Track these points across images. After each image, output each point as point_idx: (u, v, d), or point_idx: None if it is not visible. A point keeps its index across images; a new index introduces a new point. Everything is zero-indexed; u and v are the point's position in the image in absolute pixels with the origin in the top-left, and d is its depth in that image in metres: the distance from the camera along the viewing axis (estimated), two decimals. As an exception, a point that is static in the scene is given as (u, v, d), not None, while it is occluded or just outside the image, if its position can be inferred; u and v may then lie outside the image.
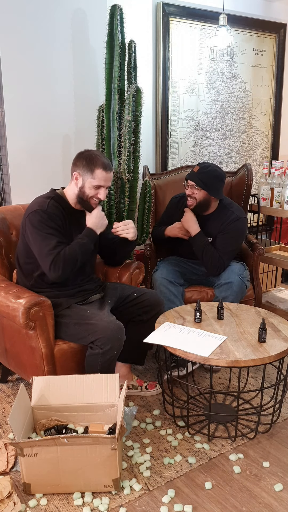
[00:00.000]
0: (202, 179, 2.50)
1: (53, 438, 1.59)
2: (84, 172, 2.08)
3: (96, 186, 2.09)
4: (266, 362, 1.80)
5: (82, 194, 2.10)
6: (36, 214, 2.03)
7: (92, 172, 2.07)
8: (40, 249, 2.01)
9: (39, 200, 2.11)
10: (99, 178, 2.07)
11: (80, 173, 2.09)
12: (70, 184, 2.15)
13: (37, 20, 2.59)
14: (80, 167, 2.09)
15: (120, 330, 1.98)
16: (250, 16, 3.51)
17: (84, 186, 2.09)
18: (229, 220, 2.57)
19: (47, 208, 2.05)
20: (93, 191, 2.09)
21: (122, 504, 1.66)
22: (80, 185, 2.10)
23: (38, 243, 2.02)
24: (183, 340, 1.90)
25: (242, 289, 2.55)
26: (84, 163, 2.08)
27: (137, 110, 2.54)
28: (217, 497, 1.69)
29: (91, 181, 2.07)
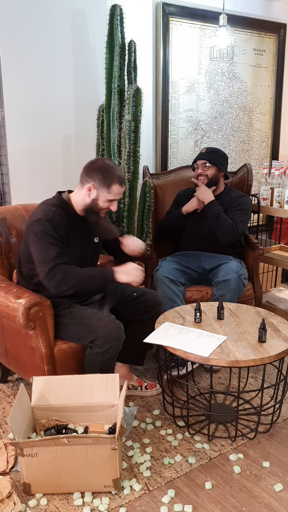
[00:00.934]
0: (212, 156, 2.78)
1: (53, 438, 1.59)
2: (100, 185, 2.04)
3: (110, 200, 2.08)
4: (266, 362, 1.80)
5: (95, 206, 2.07)
6: (40, 223, 1.99)
7: (108, 187, 2.04)
8: (40, 257, 1.98)
9: (44, 207, 2.06)
10: (115, 193, 2.07)
11: (95, 185, 2.04)
12: (79, 192, 2.10)
13: (37, 20, 2.59)
14: (95, 180, 2.04)
15: (120, 330, 1.98)
16: (250, 16, 3.51)
17: (98, 199, 2.06)
18: (236, 196, 2.83)
19: (52, 217, 2.01)
20: (106, 204, 2.08)
21: (122, 504, 1.66)
22: (93, 197, 2.06)
23: (38, 251, 1.99)
24: (183, 340, 1.90)
25: (240, 287, 2.55)
26: (101, 177, 2.03)
27: (137, 110, 2.54)
28: (217, 497, 1.69)
29: (106, 195, 2.05)
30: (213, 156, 2.78)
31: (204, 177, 2.78)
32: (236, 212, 2.74)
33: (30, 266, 2.10)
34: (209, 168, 2.77)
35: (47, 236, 1.98)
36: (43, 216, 2.01)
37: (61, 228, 2.03)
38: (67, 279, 1.95)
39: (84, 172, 2.08)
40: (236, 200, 2.80)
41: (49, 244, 1.98)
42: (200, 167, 2.79)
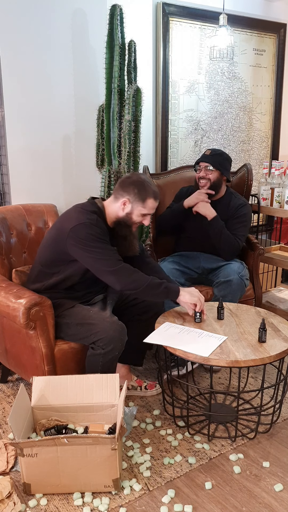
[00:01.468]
0: (216, 160, 2.70)
1: (53, 438, 1.59)
2: (135, 200, 2.05)
3: (144, 214, 2.09)
4: (266, 362, 1.80)
5: (128, 220, 2.08)
6: (86, 227, 1.98)
7: (143, 201, 2.06)
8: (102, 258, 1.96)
9: (84, 212, 2.03)
10: (150, 208, 2.08)
11: (130, 200, 2.06)
12: (112, 205, 2.10)
13: (37, 20, 2.59)
14: (131, 194, 2.05)
15: (122, 331, 1.98)
16: (250, 16, 3.51)
17: (133, 213, 2.07)
18: (236, 205, 2.75)
19: (96, 222, 2.02)
20: (140, 218, 2.09)
21: (122, 504, 1.66)
22: (127, 211, 2.07)
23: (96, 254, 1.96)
24: (183, 340, 1.90)
25: (241, 288, 2.55)
26: (136, 191, 2.05)
27: (137, 110, 2.54)
28: (217, 497, 1.69)
29: (141, 209, 2.06)
30: (218, 159, 2.71)
31: (207, 180, 2.71)
32: (238, 225, 2.70)
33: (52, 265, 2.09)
34: (212, 172, 2.70)
35: (98, 239, 1.98)
36: (88, 221, 2.00)
37: (104, 235, 2.04)
38: (134, 277, 1.98)
39: (119, 186, 2.09)
40: (237, 210, 2.73)
41: (106, 245, 2.00)
42: (202, 169, 2.72)
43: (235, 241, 2.66)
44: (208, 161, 2.70)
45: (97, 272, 2.00)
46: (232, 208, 2.74)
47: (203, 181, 2.72)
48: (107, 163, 2.68)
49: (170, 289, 2.04)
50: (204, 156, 2.74)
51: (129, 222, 2.09)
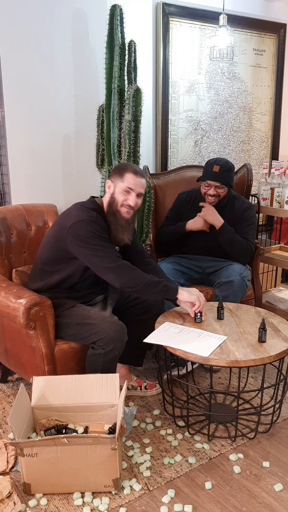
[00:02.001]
0: (227, 178, 2.59)
1: (53, 438, 1.59)
2: (115, 178, 2.08)
3: (127, 190, 2.07)
4: (266, 362, 1.80)
5: (113, 201, 2.08)
6: (86, 224, 1.98)
7: (122, 176, 2.07)
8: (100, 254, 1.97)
9: (84, 210, 2.05)
10: (129, 181, 2.06)
11: (112, 180, 2.09)
12: (106, 195, 2.13)
13: (37, 20, 2.59)
14: (112, 175, 2.10)
15: (123, 331, 1.98)
16: (250, 16, 3.51)
17: (115, 191, 2.08)
18: (242, 209, 2.70)
19: (95, 220, 2.02)
20: (123, 196, 2.07)
21: (122, 504, 1.66)
22: (111, 191, 2.09)
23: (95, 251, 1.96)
24: (183, 340, 1.90)
25: (243, 288, 2.55)
26: (116, 171, 2.09)
27: (137, 110, 2.54)
28: (217, 497, 1.69)
29: (121, 185, 2.06)
30: (228, 176, 2.58)
31: (216, 197, 2.62)
32: (246, 228, 2.67)
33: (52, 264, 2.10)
34: (223, 189, 2.61)
35: (97, 237, 1.99)
36: (87, 218, 2.01)
37: (103, 232, 2.04)
38: (133, 275, 1.98)
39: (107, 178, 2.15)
40: (244, 214, 2.69)
41: (105, 242, 2.00)
42: (212, 188, 2.59)
43: (247, 245, 2.63)
44: (219, 180, 2.56)
45: (96, 269, 2.00)
46: (238, 212, 2.69)
47: (212, 198, 2.62)
48: (107, 163, 2.68)
49: (168, 287, 2.04)
50: (215, 175, 2.56)
51: (114, 204, 2.08)
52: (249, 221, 2.68)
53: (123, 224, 2.09)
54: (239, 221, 2.67)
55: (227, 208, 2.70)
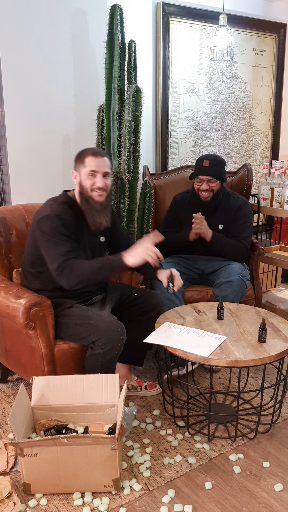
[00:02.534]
0: (217, 171, 2.62)
1: (53, 438, 1.59)
2: (78, 165, 2.08)
3: (91, 173, 2.05)
4: (266, 362, 1.80)
5: (82, 189, 2.07)
6: (49, 219, 1.98)
7: (83, 161, 2.06)
8: (49, 254, 1.97)
9: (51, 204, 2.06)
10: (90, 164, 2.04)
11: (76, 169, 2.09)
12: (76, 187, 2.13)
13: (37, 20, 2.59)
14: (75, 165, 2.10)
15: (121, 331, 1.98)
16: (250, 16, 3.51)
17: (81, 179, 2.07)
18: (237, 206, 2.72)
19: (61, 213, 2.01)
20: (89, 181, 2.05)
21: (122, 504, 1.66)
22: (78, 180, 2.08)
23: (47, 248, 1.98)
24: (183, 340, 1.90)
25: (242, 288, 2.55)
26: (77, 159, 2.09)
27: (137, 110, 2.54)
28: (217, 497, 1.69)
29: (84, 170, 2.05)
30: (218, 169, 2.62)
31: (210, 192, 2.64)
32: (242, 226, 2.68)
33: (36, 263, 2.10)
34: (215, 183, 2.63)
35: (56, 232, 1.97)
36: (51, 212, 2.00)
37: (70, 225, 2.02)
38: (75, 273, 1.94)
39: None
40: (238, 211, 2.70)
41: (58, 240, 1.97)
42: (204, 182, 2.62)
43: (241, 245, 2.64)
44: (209, 174, 2.60)
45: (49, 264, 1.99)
46: (233, 209, 2.70)
47: (205, 193, 2.64)
48: (107, 163, 2.68)
49: (112, 262, 1.98)
50: (204, 169, 2.61)
51: (84, 191, 2.07)
52: (243, 219, 2.70)
53: (98, 208, 2.07)
54: (234, 219, 2.69)
55: (222, 205, 2.71)
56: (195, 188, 2.69)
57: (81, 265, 1.96)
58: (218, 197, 2.69)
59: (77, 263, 1.95)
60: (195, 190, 2.69)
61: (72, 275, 1.94)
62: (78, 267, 1.95)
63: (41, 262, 2.06)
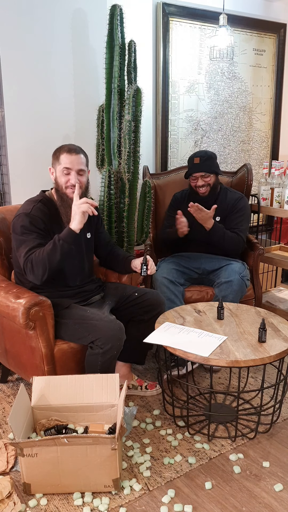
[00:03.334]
0: (209, 165, 2.69)
1: (53, 438, 1.59)
2: (54, 162, 2.12)
3: (65, 171, 2.07)
4: (266, 362, 1.80)
5: (58, 186, 2.11)
6: (19, 218, 2.05)
7: (58, 158, 2.09)
8: (19, 254, 2.03)
9: (26, 203, 2.12)
10: (65, 162, 2.07)
11: (53, 165, 2.13)
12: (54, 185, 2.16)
13: (37, 20, 2.59)
14: (52, 162, 2.13)
15: (120, 330, 1.98)
16: (250, 16, 3.51)
17: (57, 176, 2.11)
18: (234, 199, 2.77)
19: (31, 211, 2.05)
20: (64, 178, 2.08)
21: (122, 504, 1.65)
22: (54, 176, 2.12)
23: (17, 248, 2.05)
24: (183, 340, 1.90)
25: (242, 288, 2.55)
26: (53, 156, 2.13)
27: (137, 110, 2.54)
28: (217, 497, 1.69)
29: (59, 167, 2.09)
30: (209, 164, 2.69)
31: (207, 186, 2.71)
32: (238, 219, 2.71)
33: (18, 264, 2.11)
34: (209, 177, 2.70)
35: (23, 231, 2.02)
36: (22, 211, 2.06)
37: (39, 221, 2.05)
38: (36, 263, 1.97)
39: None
40: (235, 204, 2.75)
41: (25, 238, 2.01)
42: (199, 178, 2.69)
43: (238, 238, 2.66)
44: (202, 169, 2.68)
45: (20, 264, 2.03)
46: (230, 202, 2.76)
47: (202, 188, 2.71)
48: (107, 163, 2.68)
49: (63, 238, 1.96)
50: (196, 166, 2.69)
51: (59, 188, 2.10)
52: (240, 212, 2.74)
53: (71, 204, 2.05)
54: (231, 211, 2.74)
55: (219, 199, 2.75)
56: (192, 186, 2.76)
57: (37, 254, 1.98)
58: (216, 190, 2.75)
59: (35, 254, 1.98)
60: (193, 187, 2.75)
61: (34, 267, 1.97)
62: (36, 257, 1.97)
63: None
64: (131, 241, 2.71)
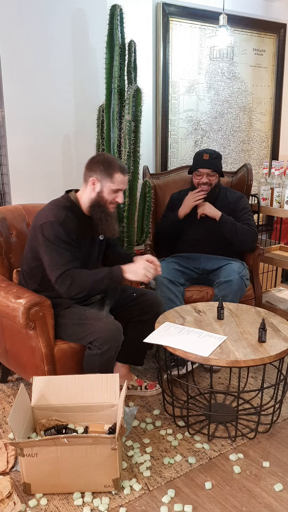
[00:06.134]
0: (217, 164, 2.71)
1: (53, 438, 1.59)
2: (103, 177, 2.05)
3: (115, 190, 2.07)
4: (266, 362, 1.80)
5: (101, 199, 2.07)
6: (52, 226, 1.97)
7: (111, 176, 2.04)
8: (51, 262, 1.97)
9: (55, 209, 2.04)
10: (118, 182, 2.06)
11: (98, 178, 2.05)
12: (85, 190, 2.10)
13: (37, 20, 2.59)
14: (97, 172, 2.05)
15: (118, 330, 1.98)
16: (250, 16, 3.51)
17: (103, 191, 2.06)
18: (235, 198, 2.80)
19: (64, 220, 2.00)
20: (112, 196, 2.07)
21: (122, 504, 1.66)
22: (98, 190, 2.06)
23: (49, 256, 1.98)
24: (183, 340, 1.90)
25: (242, 288, 2.55)
26: (102, 168, 2.04)
27: (137, 110, 2.54)
28: (217, 497, 1.69)
29: (110, 185, 2.05)
30: (218, 163, 2.71)
31: (209, 185, 2.71)
32: (245, 216, 2.72)
33: (34, 264, 2.09)
34: (214, 177, 2.70)
35: (59, 241, 1.97)
36: (54, 219, 1.99)
37: (72, 232, 2.02)
38: (76, 284, 1.96)
39: (86, 168, 2.10)
40: (239, 202, 2.76)
41: (60, 249, 1.97)
42: (204, 176, 2.69)
43: (250, 230, 2.67)
44: (210, 167, 2.68)
45: (48, 271, 2.00)
46: (232, 202, 2.77)
47: (205, 186, 2.71)
48: (107, 163, 2.68)
49: (114, 278, 2.00)
50: (205, 162, 2.68)
51: (102, 202, 2.07)
52: (245, 209, 2.75)
53: (114, 216, 2.11)
54: (234, 210, 2.74)
55: (219, 199, 2.76)
56: (195, 182, 2.75)
57: (81, 276, 1.97)
58: (215, 191, 2.75)
59: (77, 274, 1.97)
60: (195, 184, 2.75)
61: (73, 285, 1.96)
62: (79, 278, 1.96)
63: (40, 263, 2.06)
64: (131, 241, 2.71)
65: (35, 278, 2.12)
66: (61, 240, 1.98)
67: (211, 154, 2.70)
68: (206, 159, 2.68)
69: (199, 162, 2.71)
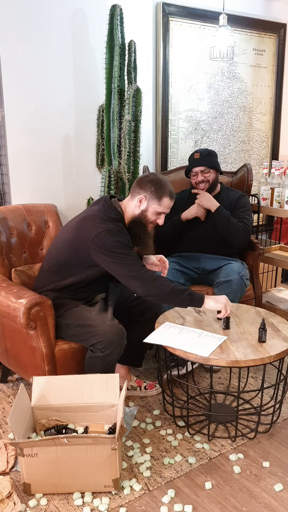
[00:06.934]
0: (209, 161, 2.71)
1: (53, 438, 1.59)
2: (151, 197, 2.06)
3: (159, 213, 2.09)
4: (266, 362, 1.80)
5: (143, 218, 2.09)
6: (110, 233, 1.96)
7: (159, 199, 2.07)
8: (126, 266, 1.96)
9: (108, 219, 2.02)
10: (165, 206, 2.09)
11: (147, 197, 2.06)
12: (129, 203, 2.11)
13: (37, 20, 2.59)
14: (147, 191, 2.07)
15: (122, 335, 1.98)
16: (250, 16, 3.51)
17: (148, 210, 2.08)
18: (236, 196, 2.81)
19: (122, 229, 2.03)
20: (154, 217, 2.10)
21: (122, 504, 1.66)
22: (143, 208, 2.08)
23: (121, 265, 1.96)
24: (183, 340, 1.90)
25: (242, 288, 2.55)
26: (153, 189, 2.06)
27: (137, 110, 2.54)
28: (217, 497, 1.69)
29: (156, 207, 2.07)
30: (209, 159, 2.71)
31: (206, 183, 2.72)
32: (243, 214, 2.73)
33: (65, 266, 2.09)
34: (209, 173, 2.71)
35: (123, 246, 1.98)
36: (115, 228, 2.00)
37: (129, 241, 2.05)
38: (156, 283, 1.96)
39: (136, 184, 2.11)
40: (239, 201, 2.77)
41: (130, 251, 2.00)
42: (199, 174, 2.71)
43: (243, 227, 2.67)
44: (202, 164, 2.69)
45: (121, 277, 1.99)
46: (233, 200, 2.78)
47: (202, 184, 2.72)
48: (107, 163, 2.68)
49: (194, 296, 2.00)
50: (196, 161, 2.71)
51: (144, 220, 2.09)
52: (244, 207, 2.76)
53: (151, 236, 2.16)
54: (234, 207, 2.76)
55: (221, 198, 2.77)
56: (192, 183, 2.77)
57: (163, 280, 1.99)
58: (214, 187, 2.76)
59: (159, 277, 1.99)
60: (193, 185, 2.77)
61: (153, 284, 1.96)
62: (159, 281, 1.97)
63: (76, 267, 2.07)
64: (131, 241, 2.71)
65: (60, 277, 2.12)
66: (126, 245, 1.99)
67: (201, 152, 2.73)
68: (197, 158, 2.71)
69: (191, 162, 2.75)
